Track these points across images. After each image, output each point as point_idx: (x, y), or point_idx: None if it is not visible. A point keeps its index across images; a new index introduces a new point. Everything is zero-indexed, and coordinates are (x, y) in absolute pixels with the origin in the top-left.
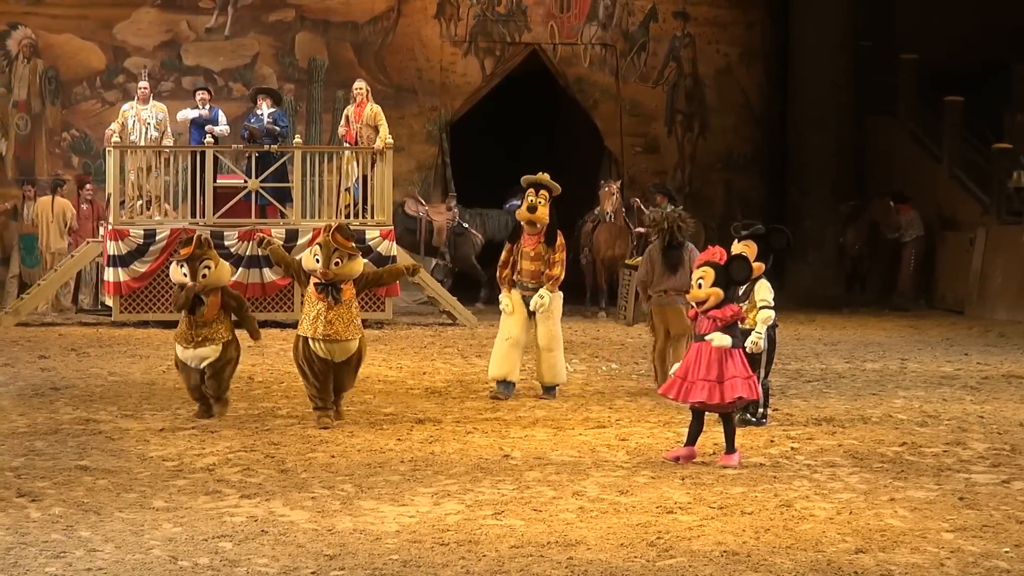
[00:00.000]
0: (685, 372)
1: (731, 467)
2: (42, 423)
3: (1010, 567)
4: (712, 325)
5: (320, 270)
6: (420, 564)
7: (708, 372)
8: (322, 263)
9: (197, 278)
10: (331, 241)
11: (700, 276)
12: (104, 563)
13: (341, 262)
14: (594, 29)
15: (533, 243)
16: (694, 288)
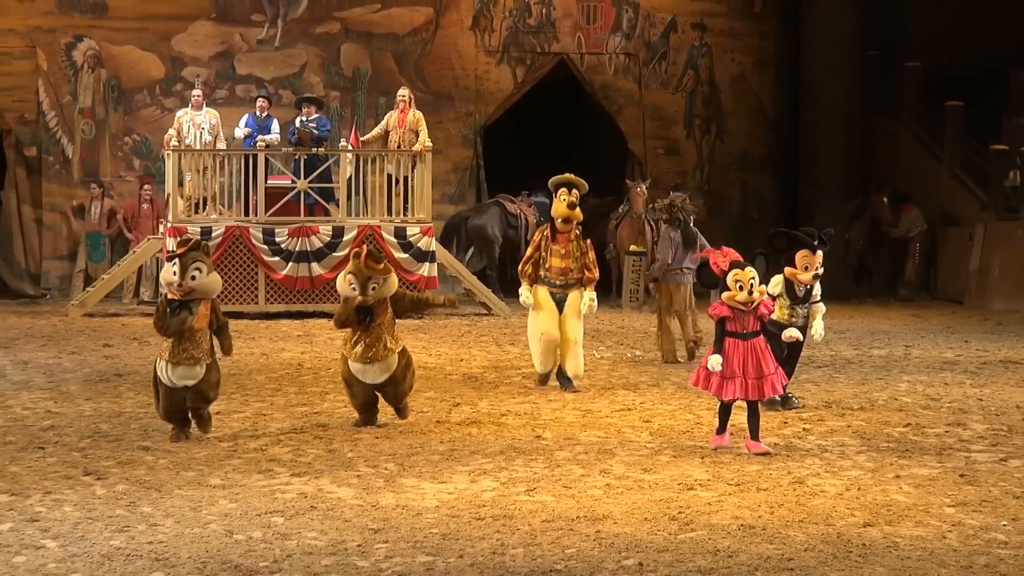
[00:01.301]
0: (725, 370)
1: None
2: (106, 407)
3: (1007, 539)
4: (757, 323)
5: (359, 298)
6: (458, 537)
7: (749, 369)
8: (359, 290)
9: (186, 278)
10: (364, 268)
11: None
12: (164, 537)
13: (378, 285)
14: (618, 39)
15: (564, 241)
16: (735, 291)
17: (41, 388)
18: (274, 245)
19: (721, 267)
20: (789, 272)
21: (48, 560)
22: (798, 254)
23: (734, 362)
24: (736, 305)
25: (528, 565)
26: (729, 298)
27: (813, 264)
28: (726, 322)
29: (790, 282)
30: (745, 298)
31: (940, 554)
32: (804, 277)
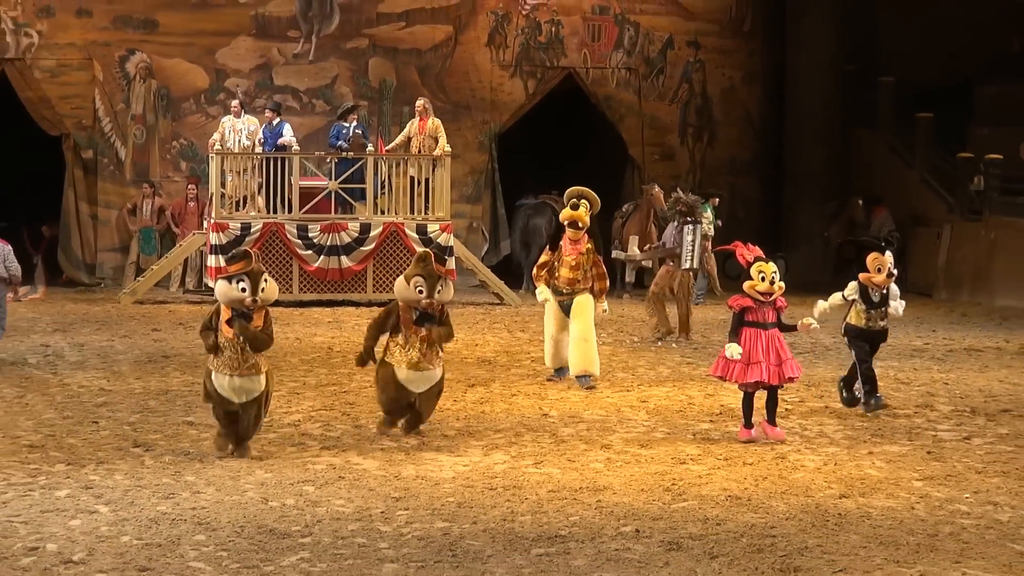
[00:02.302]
0: (747, 357)
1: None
2: (154, 385)
3: (970, 510)
4: (776, 315)
5: (426, 300)
6: (472, 505)
7: (771, 356)
8: (427, 293)
9: (257, 292)
10: (434, 270)
11: (764, 271)
12: (206, 503)
13: (442, 289)
14: (620, 55)
15: (575, 252)
16: (757, 280)
17: (95, 368)
18: (307, 240)
19: (747, 259)
20: (864, 277)
21: (101, 523)
22: (868, 258)
23: (757, 350)
24: (756, 295)
25: (535, 531)
26: (750, 287)
27: (885, 264)
28: (746, 313)
29: (865, 288)
30: (766, 288)
31: (909, 523)
32: (879, 279)
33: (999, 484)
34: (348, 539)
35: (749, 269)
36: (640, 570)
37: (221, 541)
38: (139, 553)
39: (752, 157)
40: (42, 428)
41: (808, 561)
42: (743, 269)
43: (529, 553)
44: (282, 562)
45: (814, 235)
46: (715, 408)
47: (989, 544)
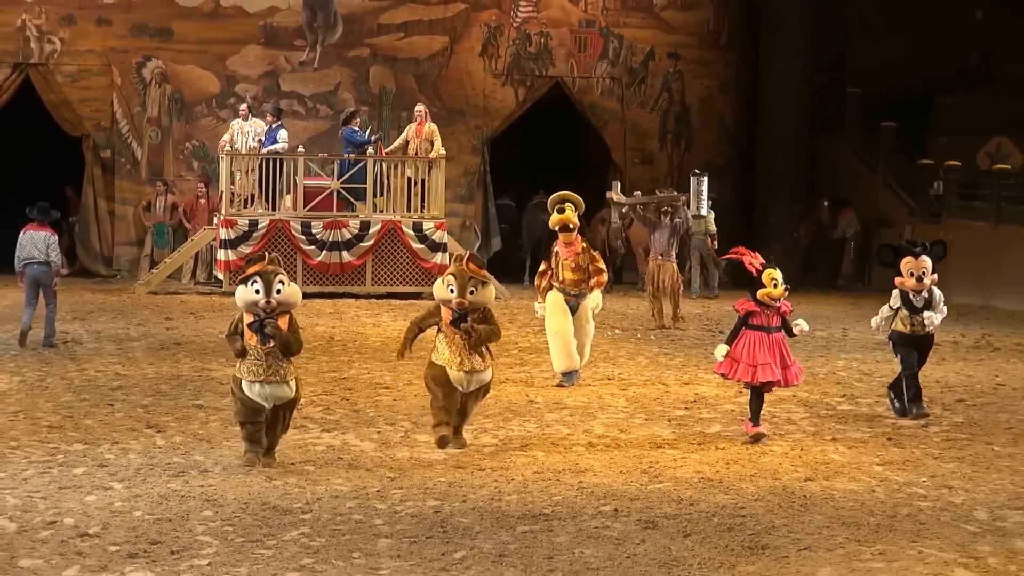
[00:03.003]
0: (753, 359)
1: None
2: (167, 371)
3: (927, 493)
4: (779, 320)
5: (456, 300)
6: (462, 485)
7: (776, 358)
8: (457, 292)
9: (272, 293)
10: (465, 270)
11: (775, 277)
12: (214, 481)
13: (476, 290)
14: (605, 66)
15: (572, 254)
16: (770, 287)
17: (111, 354)
18: (310, 236)
19: (756, 267)
20: (898, 282)
21: (115, 499)
22: (902, 262)
23: (763, 352)
24: (770, 301)
25: (521, 509)
26: (765, 294)
27: (919, 268)
28: (751, 317)
29: (906, 295)
30: (780, 292)
31: (869, 505)
32: (911, 283)
33: (954, 469)
34: (346, 516)
35: (760, 276)
36: (618, 547)
37: (227, 517)
38: (150, 527)
39: (727, 162)
40: (61, 410)
41: (775, 539)
42: (752, 276)
43: (515, 530)
44: (284, 537)
45: (784, 235)
46: (690, 396)
47: (944, 525)
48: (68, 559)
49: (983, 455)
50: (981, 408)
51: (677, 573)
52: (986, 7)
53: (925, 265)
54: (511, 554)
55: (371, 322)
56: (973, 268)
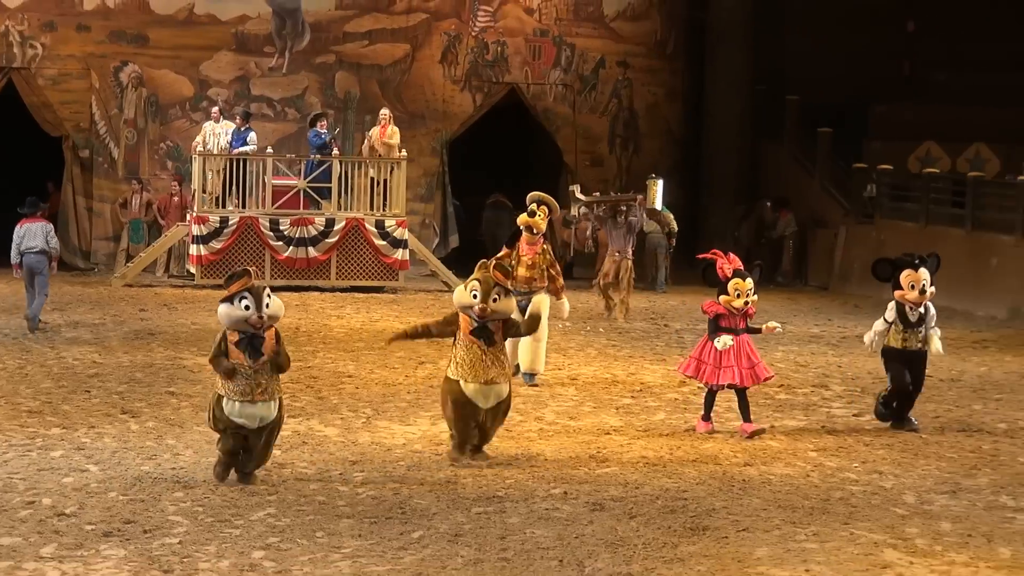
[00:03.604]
0: (718, 361)
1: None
2: (140, 359)
3: (858, 478)
4: (745, 322)
5: (479, 306)
6: (420, 469)
7: (742, 360)
8: (480, 298)
9: (262, 308)
10: (491, 276)
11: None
12: (185, 464)
13: (499, 298)
14: (557, 73)
15: (531, 252)
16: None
17: (88, 343)
18: (278, 232)
19: (725, 272)
20: (898, 295)
21: (91, 481)
22: (902, 276)
23: (729, 354)
24: (731, 309)
25: (476, 492)
26: (726, 302)
27: (919, 281)
28: (720, 319)
29: (902, 308)
30: (740, 305)
31: (804, 488)
32: (912, 296)
33: (884, 455)
34: (310, 497)
35: (726, 283)
36: (567, 527)
37: (197, 498)
38: (124, 507)
39: (672, 164)
40: (40, 396)
41: (715, 521)
42: (721, 282)
43: (470, 511)
44: (251, 516)
45: (726, 234)
46: (636, 385)
47: (874, 508)
48: (46, 537)
49: (911, 443)
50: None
51: (623, 553)
52: (917, 19)
53: (925, 277)
54: (466, 534)
55: (335, 314)
56: None
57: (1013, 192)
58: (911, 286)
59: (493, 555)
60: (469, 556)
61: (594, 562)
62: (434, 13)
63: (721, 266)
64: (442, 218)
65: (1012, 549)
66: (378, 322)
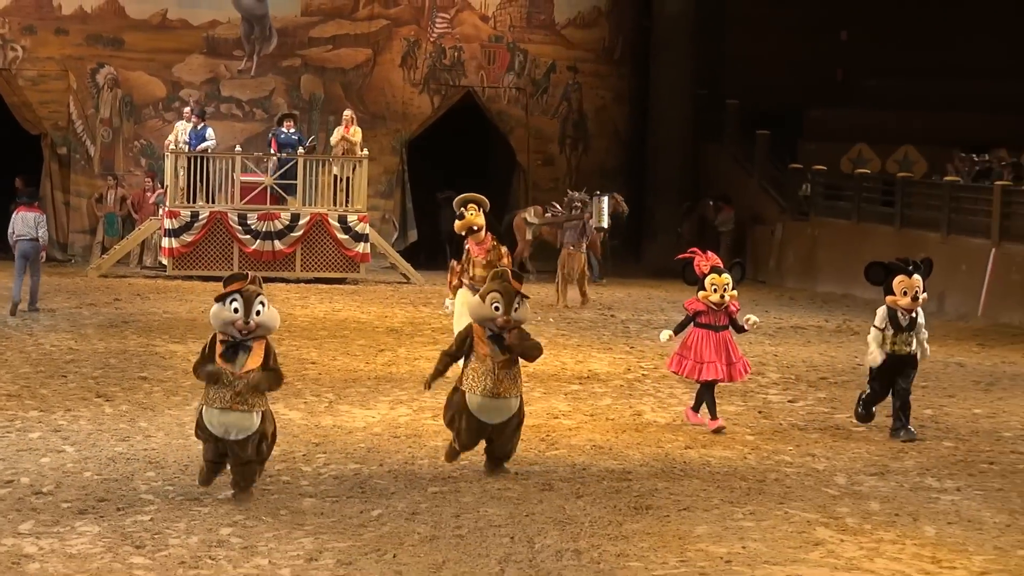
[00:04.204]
0: (699, 356)
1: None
2: (115, 346)
3: (792, 460)
4: (727, 318)
5: (502, 318)
6: (379, 451)
7: (722, 356)
8: (503, 310)
9: (251, 315)
10: (511, 287)
11: (716, 283)
12: (156, 445)
13: (520, 306)
14: (511, 77)
15: (482, 252)
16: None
17: (65, 331)
18: (246, 226)
19: (703, 269)
20: (890, 300)
21: (67, 461)
22: (895, 281)
23: (710, 350)
24: (709, 304)
25: (432, 472)
26: (704, 297)
27: (912, 287)
28: (699, 316)
29: (894, 312)
30: (717, 300)
31: (742, 470)
32: (904, 302)
33: (817, 439)
34: (275, 477)
35: (704, 280)
36: (518, 506)
37: (168, 477)
38: (99, 486)
39: (619, 164)
40: (19, 380)
41: (658, 500)
42: (698, 279)
43: (426, 491)
44: (219, 495)
45: (670, 230)
46: (584, 372)
47: (807, 488)
48: (24, 514)
49: (843, 427)
50: (841, 385)
51: (570, 530)
52: (850, 29)
53: (918, 284)
54: (423, 512)
55: (300, 304)
56: (836, 261)
57: (939, 192)
58: (903, 292)
59: (448, 532)
60: (425, 533)
61: (543, 539)
62: (395, 20)
63: (699, 263)
64: (401, 213)
65: (936, 528)
66: (340, 312)
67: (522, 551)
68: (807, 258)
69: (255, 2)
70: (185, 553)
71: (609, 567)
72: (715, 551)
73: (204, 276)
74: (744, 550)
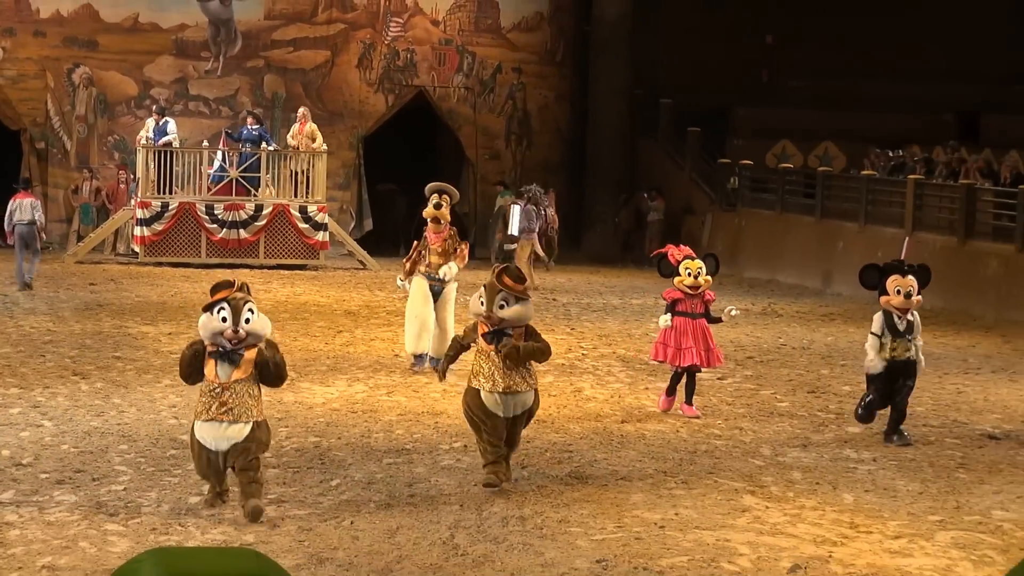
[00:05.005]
0: (678, 343)
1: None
2: (90, 327)
3: (721, 433)
4: (704, 306)
5: (484, 313)
6: (338, 425)
7: (699, 343)
8: (486, 306)
9: (240, 322)
10: (496, 283)
11: (690, 268)
12: (129, 420)
13: (507, 304)
14: (460, 77)
15: (439, 240)
16: (684, 276)
17: (44, 313)
18: (213, 216)
19: (676, 259)
20: (884, 301)
21: (45, 435)
22: (889, 280)
23: (688, 337)
24: (685, 289)
25: (387, 445)
26: (679, 282)
27: (906, 286)
28: (677, 304)
29: (890, 318)
30: (692, 283)
31: (675, 443)
32: (897, 301)
33: (744, 413)
34: None
35: (678, 267)
36: (466, 476)
37: (140, 450)
38: (75, 458)
39: (561, 159)
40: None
41: (597, 471)
42: (673, 268)
43: (381, 462)
44: (188, 467)
45: (607, 220)
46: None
47: (735, 459)
48: (5, 485)
49: (767, 402)
50: (767, 364)
51: (515, 499)
52: (775, 34)
53: (912, 283)
54: (378, 482)
55: (263, 288)
56: (761, 249)
57: (857, 185)
58: (897, 291)
59: (402, 500)
60: (381, 501)
61: (490, 507)
62: (352, 23)
63: (672, 254)
64: (358, 204)
65: (854, 495)
66: (301, 296)
67: (471, 518)
68: (734, 246)
69: (221, 6)
70: (156, 520)
71: (551, 532)
72: (650, 517)
73: (174, 263)
74: (677, 516)
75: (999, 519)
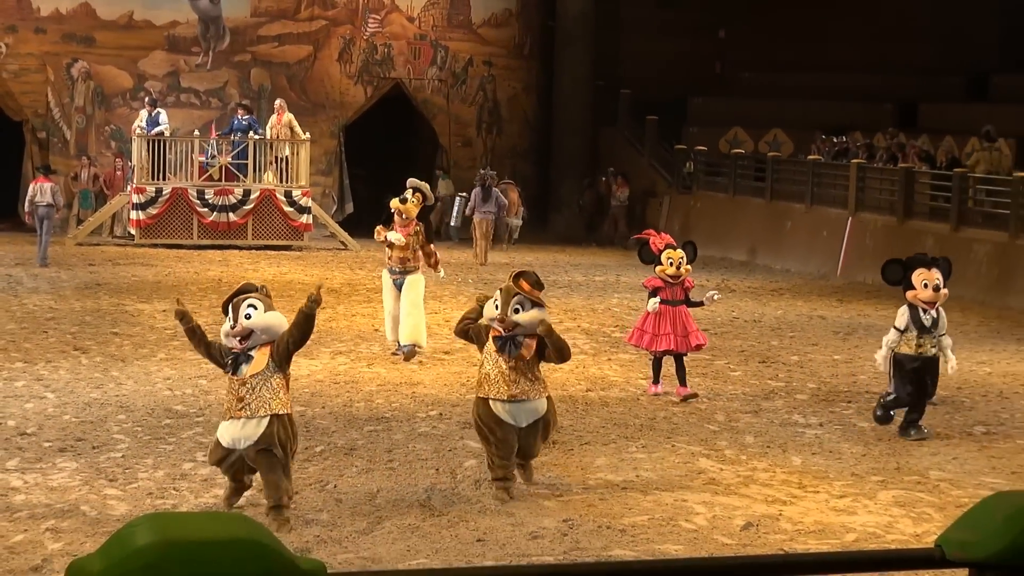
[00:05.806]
0: (656, 329)
1: (688, 398)
2: (90, 305)
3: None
4: (683, 293)
5: (498, 316)
6: (322, 395)
7: (677, 328)
8: (500, 309)
9: (240, 319)
10: (512, 287)
11: (672, 257)
12: (127, 391)
13: (522, 308)
14: (434, 70)
15: (404, 234)
16: (666, 266)
17: (46, 292)
18: (204, 200)
19: (658, 247)
20: (911, 295)
21: (48, 406)
22: (914, 275)
23: (666, 323)
24: (666, 278)
25: (367, 414)
26: (661, 271)
27: (932, 279)
28: (658, 291)
29: (915, 312)
30: (673, 272)
31: (635, 410)
32: (926, 295)
33: (699, 382)
34: None
35: (660, 256)
36: (442, 442)
37: (137, 420)
38: (76, 428)
39: (528, 146)
40: (4, 336)
41: (563, 436)
42: (655, 256)
43: (362, 429)
44: (182, 435)
45: (572, 203)
46: None
47: (692, 425)
48: (11, 452)
49: (721, 371)
50: (720, 336)
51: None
52: (728, 28)
53: (937, 276)
54: (359, 448)
55: (251, 267)
56: (714, 229)
57: (803, 169)
58: (924, 284)
59: (382, 465)
60: (362, 466)
61: (464, 470)
62: (332, 20)
63: (654, 242)
64: (339, 189)
65: (802, 458)
66: (287, 274)
67: (446, 481)
68: (690, 226)
69: (210, 5)
70: (152, 485)
71: (521, 493)
72: (613, 479)
73: (167, 244)
74: (638, 478)
75: (936, 479)
